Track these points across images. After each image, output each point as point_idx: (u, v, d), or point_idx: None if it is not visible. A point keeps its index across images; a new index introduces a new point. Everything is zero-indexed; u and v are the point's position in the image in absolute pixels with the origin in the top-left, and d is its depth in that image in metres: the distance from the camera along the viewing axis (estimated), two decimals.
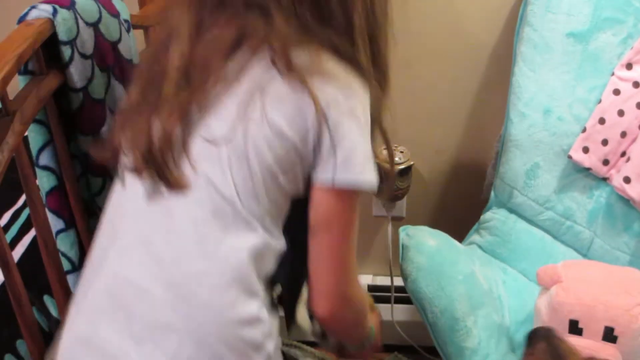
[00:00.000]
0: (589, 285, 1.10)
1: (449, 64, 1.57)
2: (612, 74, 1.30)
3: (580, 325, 1.07)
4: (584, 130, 1.30)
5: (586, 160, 1.30)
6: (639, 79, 1.27)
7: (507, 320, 1.27)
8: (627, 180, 1.24)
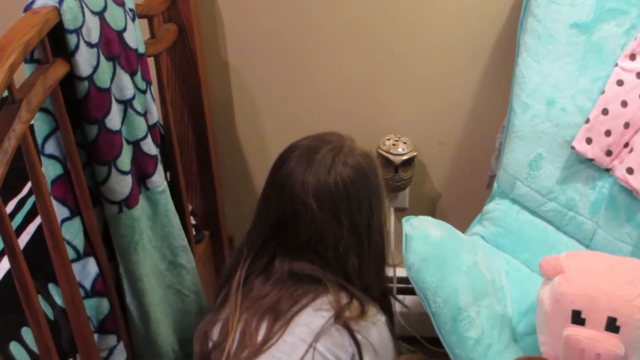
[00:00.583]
0: (591, 276, 1.10)
1: (452, 54, 1.57)
2: (616, 64, 1.30)
3: (583, 316, 1.07)
4: (587, 121, 1.30)
5: (589, 151, 1.30)
6: None
7: (510, 311, 1.28)
8: (630, 171, 1.24)
